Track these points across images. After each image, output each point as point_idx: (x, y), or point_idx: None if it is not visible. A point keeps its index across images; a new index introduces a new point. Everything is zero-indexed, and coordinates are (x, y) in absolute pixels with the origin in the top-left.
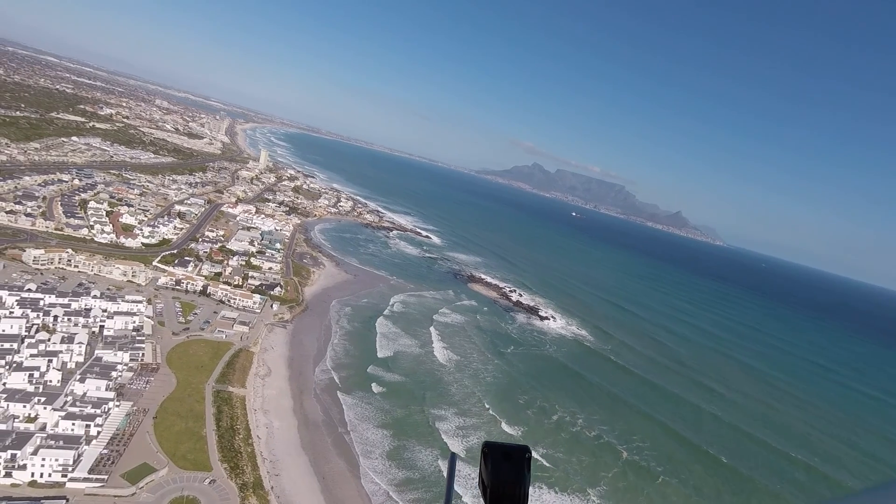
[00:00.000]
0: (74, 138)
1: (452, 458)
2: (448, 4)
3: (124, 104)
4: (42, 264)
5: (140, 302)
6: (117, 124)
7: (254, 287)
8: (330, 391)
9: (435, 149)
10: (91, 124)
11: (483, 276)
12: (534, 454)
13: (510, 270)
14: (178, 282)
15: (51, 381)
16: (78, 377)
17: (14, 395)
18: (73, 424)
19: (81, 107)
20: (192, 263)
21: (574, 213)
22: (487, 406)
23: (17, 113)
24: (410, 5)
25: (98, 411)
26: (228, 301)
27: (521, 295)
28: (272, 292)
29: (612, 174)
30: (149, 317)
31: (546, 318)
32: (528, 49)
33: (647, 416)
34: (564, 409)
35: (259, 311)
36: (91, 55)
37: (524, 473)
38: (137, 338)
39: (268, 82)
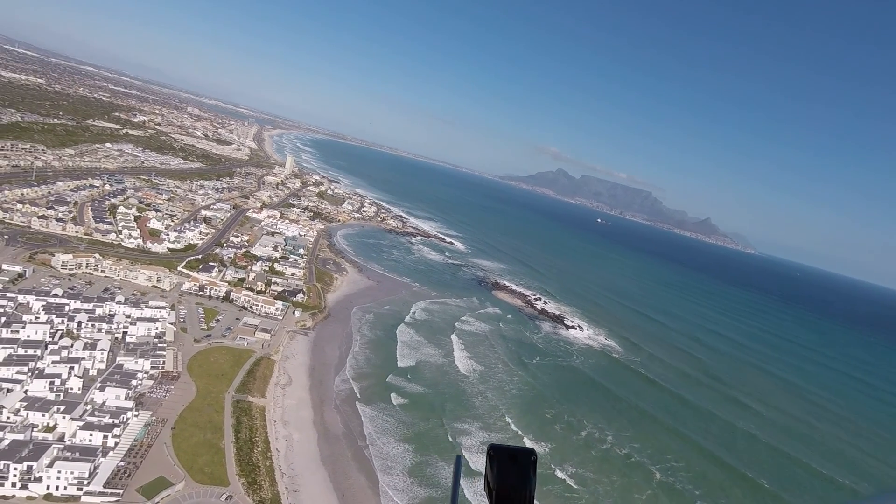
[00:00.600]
0: (108, 144)
1: (458, 461)
2: (473, 12)
3: (157, 112)
4: (70, 269)
5: (163, 308)
6: (149, 131)
7: (276, 293)
8: (350, 402)
9: (459, 154)
10: (124, 131)
11: (507, 284)
12: (561, 474)
13: (535, 278)
14: (201, 287)
15: (72, 389)
16: (98, 385)
17: (34, 404)
18: (91, 435)
19: (116, 114)
20: (216, 269)
21: (599, 220)
22: (511, 421)
23: (55, 120)
24: (435, 14)
25: (116, 421)
26: (251, 307)
27: (546, 303)
28: (295, 298)
29: (638, 180)
30: (171, 323)
31: (572, 327)
32: (552, 55)
33: (680, 434)
34: (593, 425)
35: (281, 317)
36: (128, 65)
37: (530, 477)
38: (159, 345)
39: (295, 90)
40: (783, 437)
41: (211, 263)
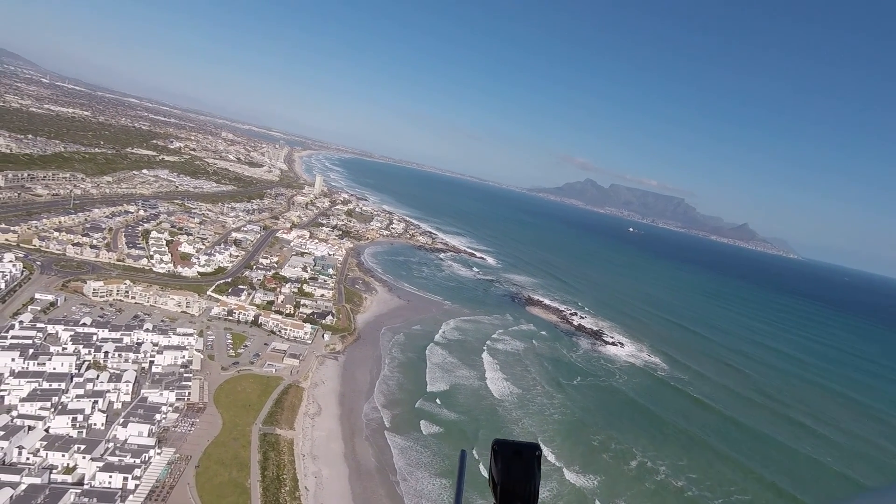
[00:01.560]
0: (144, 171)
1: (463, 456)
2: (495, 27)
3: (193, 138)
4: (101, 296)
5: (191, 335)
6: (184, 156)
7: (305, 316)
8: (380, 432)
9: (485, 168)
10: (160, 157)
11: (541, 299)
12: None
13: (568, 291)
14: (230, 312)
15: (95, 425)
16: (121, 421)
17: (55, 443)
18: (111, 477)
19: (154, 142)
20: (245, 292)
21: (631, 229)
22: (555, 450)
23: (96, 149)
24: (458, 31)
25: (138, 461)
26: (279, 332)
27: (582, 318)
28: (324, 321)
29: (669, 187)
30: (199, 350)
31: (612, 343)
32: (575, 66)
33: (738, 463)
34: (644, 454)
35: (310, 341)
36: (168, 95)
37: (534, 471)
38: (185, 375)
39: (324, 111)
40: (855, 463)
41: (240, 286)
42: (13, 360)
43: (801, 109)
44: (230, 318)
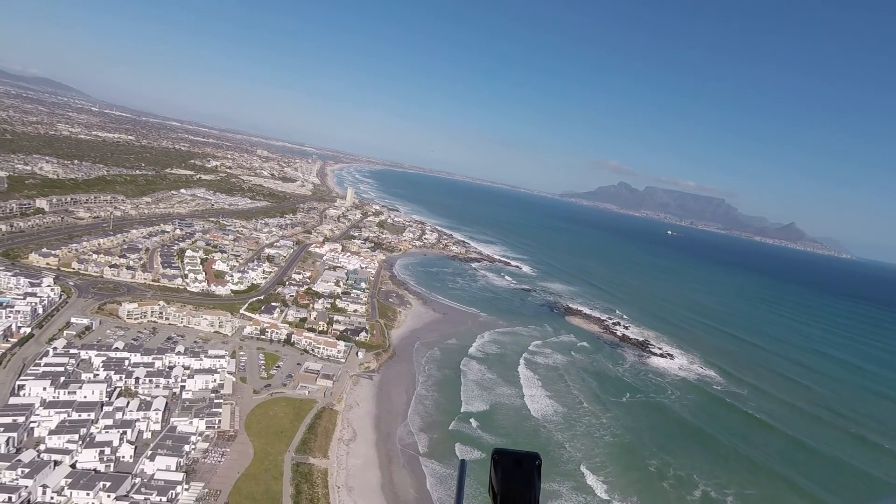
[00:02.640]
0: (182, 190)
1: (462, 465)
2: (524, 36)
3: (229, 156)
4: (135, 318)
5: (222, 357)
6: (220, 174)
7: (339, 333)
8: (417, 459)
9: (516, 175)
10: (198, 177)
11: (580, 308)
12: None
13: (608, 299)
14: (262, 331)
15: (123, 457)
16: (149, 454)
17: (80, 480)
18: None
19: (192, 161)
20: (277, 309)
21: (669, 232)
22: (608, 477)
23: (137, 172)
24: (485, 40)
25: (164, 499)
26: (312, 350)
27: (626, 328)
28: (357, 337)
29: (708, 188)
30: (230, 373)
31: (660, 355)
32: (606, 70)
33: (810, 494)
34: (706, 482)
35: (344, 360)
36: (207, 117)
37: (534, 481)
38: (216, 401)
39: (355, 125)
40: None
41: (273, 304)
42: (44, 388)
43: (849, 103)
44: (263, 336)
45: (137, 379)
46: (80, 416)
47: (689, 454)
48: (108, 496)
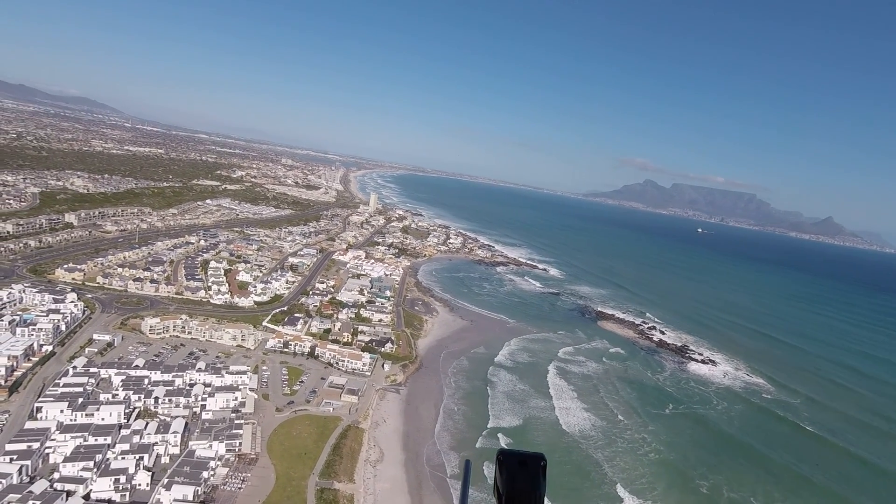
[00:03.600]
0: (208, 201)
1: (467, 465)
2: (546, 39)
3: (254, 166)
4: (158, 333)
5: (244, 372)
6: (245, 184)
7: (364, 344)
8: (444, 481)
9: (539, 176)
10: (223, 187)
11: (612, 312)
12: None
13: (640, 302)
14: (285, 344)
15: (139, 485)
16: (165, 482)
17: None
18: None
19: (218, 172)
20: (301, 320)
21: (700, 230)
22: (656, 500)
23: (165, 184)
24: (506, 45)
25: None
26: (337, 363)
27: (662, 332)
28: (383, 349)
29: (738, 183)
30: (252, 389)
31: (701, 361)
32: (629, 68)
33: None
34: None
35: (369, 373)
36: (233, 129)
37: (540, 481)
38: (236, 421)
39: (377, 131)
40: None
41: (296, 315)
42: (62, 411)
43: (883, 92)
44: (286, 350)
45: (157, 399)
46: (96, 440)
47: (743, 474)
48: None
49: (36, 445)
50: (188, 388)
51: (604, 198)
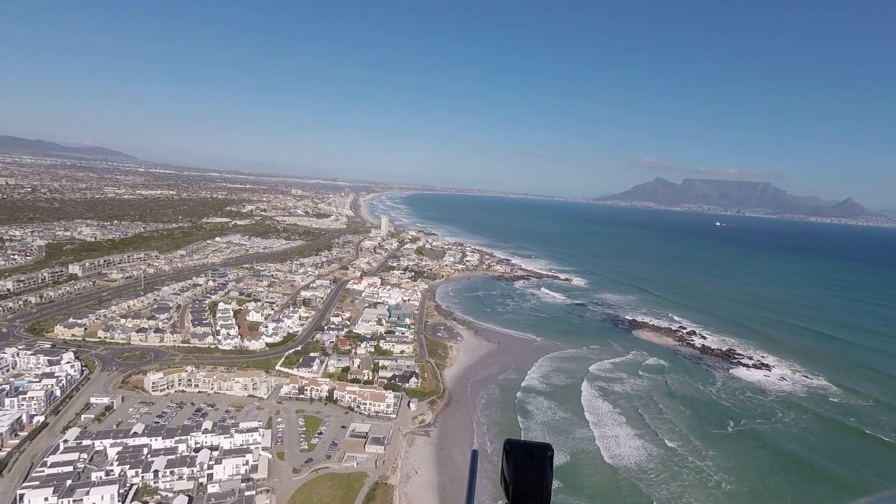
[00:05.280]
0: (217, 238)
1: (474, 456)
2: (548, 45)
3: (265, 199)
4: (161, 389)
5: (256, 429)
6: (255, 218)
7: (386, 381)
8: None
9: (549, 184)
10: (233, 223)
11: (646, 320)
12: None
13: (672, 306)
14: (301, 389)
15: None
16: None
17: None
18: None
19: (228, 208)
20: (316, 360)
21: (718, 223)
22: None
23: (174, 225)
24: (509, 56)
25: None
26: (358, 407)
27: (703, 337)
28: (408, 384)
29: (751, 172)
30: (265, 448)
31: (753, 366)
32: (628, 66)
33: None
34: None
35: (394, 415)
36: (244, 164)
37: (546, 471)
38: (247, 493)
39: (384, 154)
40: None
41: (311, 354)
42: (46, 498)
43: (891, 66)
44: (302, 396)
45: (157, 472)
46: None
47: None
48: None
49: None
50: (192, 455)
51: (615, 200)
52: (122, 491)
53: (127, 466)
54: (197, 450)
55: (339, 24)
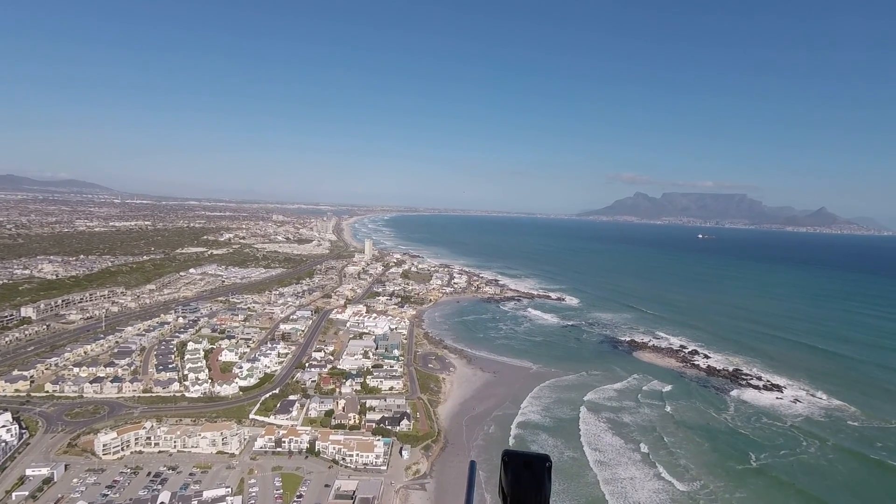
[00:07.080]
0: (191, 270)
1: (472, 467)
2: (524, 60)
3: (244, 227)
4: (114, 452)
5: (224, 499)
6: (234, 246)
7: (374, 425)
8: None
9: (530, 201)
10: (210, 252)
11: (645, 340)
12: None
13: (669, 324)
14: (278, 442)
15: None
16: None
17: None
18: None
19: (205, 237)
20: (296, 404)
21: (701, 236)
22: None
23: (145, 257)
24: (487, 72)
25: None
26: (343, 459)
27: (706, 356)
28: (399, 427)
29: (727, 185)
30: None
31: (763, 387)
32: (603, 79)
33: None
34: None
35: (384, 466)
36: (223, 192)
37: (545, 483)
38: None
39: (366, 176)
40: None
41: (290, 397)
42: None
43: (859, 70)
44: (279, 450)
45: None
46: None
47: None
48: None
49: None
50: None
51: (597, 215)
52: None
53: None
54: None
55: (317, 46)
